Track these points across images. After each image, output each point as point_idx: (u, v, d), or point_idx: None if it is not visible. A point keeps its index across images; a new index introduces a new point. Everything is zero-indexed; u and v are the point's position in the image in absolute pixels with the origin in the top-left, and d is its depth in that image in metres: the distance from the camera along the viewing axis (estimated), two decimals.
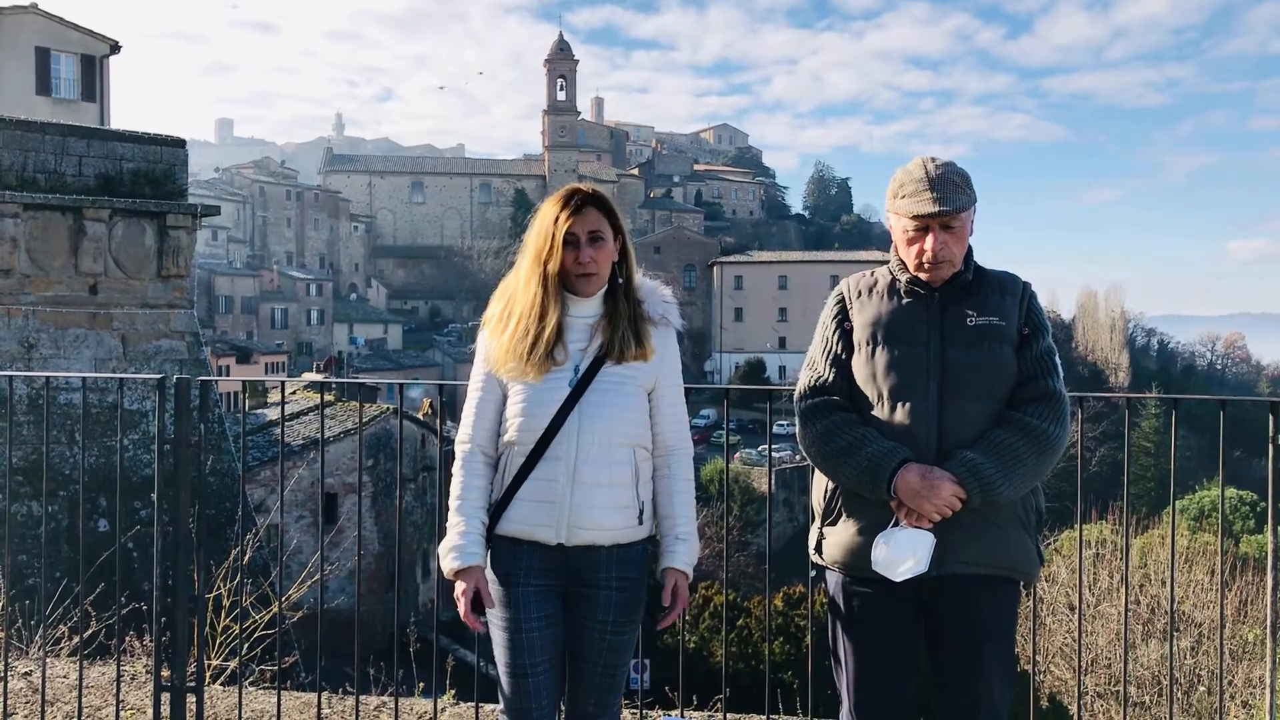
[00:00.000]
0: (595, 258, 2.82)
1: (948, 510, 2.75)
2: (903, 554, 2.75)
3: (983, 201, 2.92)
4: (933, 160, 2.90)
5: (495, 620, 2.83)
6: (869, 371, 2.90)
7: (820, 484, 3.04)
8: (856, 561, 2.89)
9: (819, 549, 3.04)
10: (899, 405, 2.84)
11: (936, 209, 2.80)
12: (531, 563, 2.80)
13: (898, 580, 2.78)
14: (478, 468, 2.87)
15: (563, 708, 2.95)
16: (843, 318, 3.01)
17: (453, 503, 2.85)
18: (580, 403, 2.78)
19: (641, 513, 2.83)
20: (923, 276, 2.89)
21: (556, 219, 2.81)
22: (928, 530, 2.77)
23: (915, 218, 2.84)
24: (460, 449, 2.89)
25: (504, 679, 2.81)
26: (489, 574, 2.85)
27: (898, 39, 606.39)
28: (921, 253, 2.85)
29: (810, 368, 3.04)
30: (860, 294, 3.01)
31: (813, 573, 3.18)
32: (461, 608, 2.77)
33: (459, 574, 2.78)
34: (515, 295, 2.88)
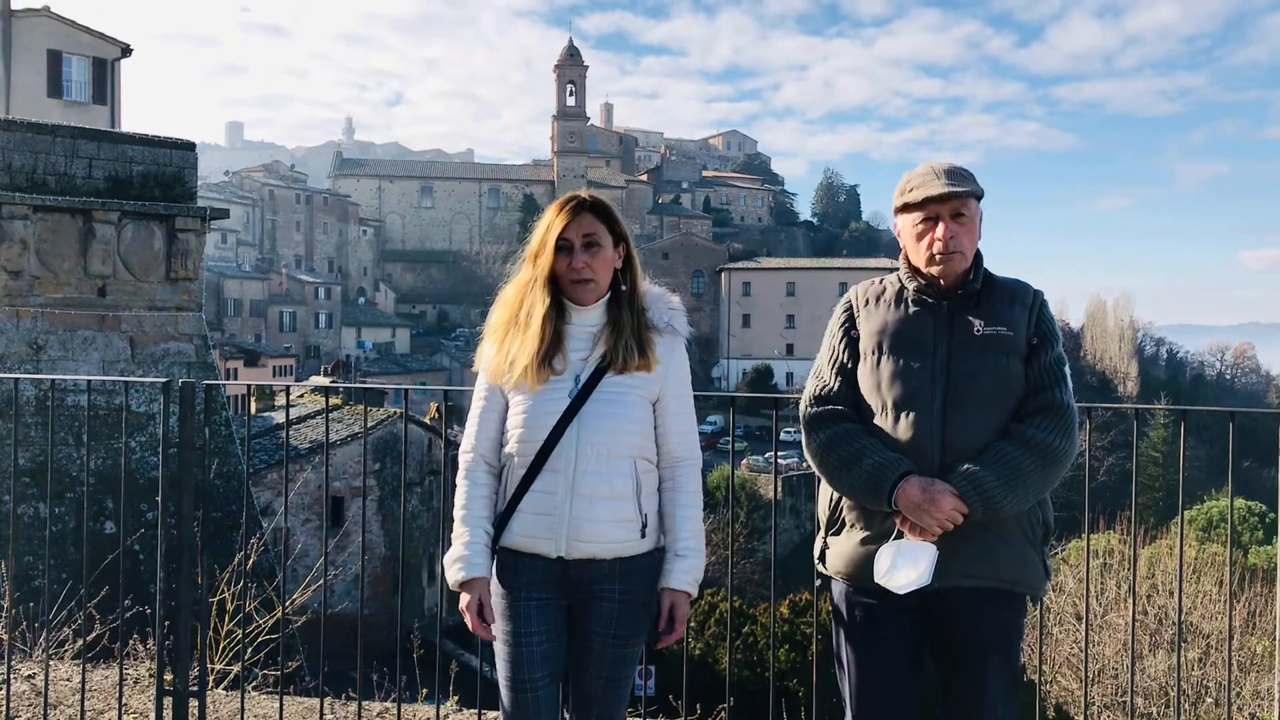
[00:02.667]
0: (590, 264, 2.77)
1: (949, 524, 2.71)
2: (905, 566, 2.72)
3: (992, 209, 2.91)
4: (938, 162, 2.91)
5: (497, 632, 2.80)
6: (874, 381, 2.87)
7: (825, 494, 3.02)
8: (860, 572, 2.87)
9: (823, 559, 3.02)
10: (903, 415, 2.81)
11: (947, 189, 2.79)
12: (533, 576, 2.76)
13: (900, 593, 2.75)
14: (481, 477, 2.84)
15: (568, 715, 2.93)
16: (849, 326, 2.98)
17: (457, 513, 2.81)
18: (580, 414, 2.73)
19: (645, 525, 2.77)
20: (934, 271, 2.86)
21: (550, 225, 2.79)
22: (931, 543, 2.74)
23: (927, 201, 2.82)
24: (463, 459, 2.85)
25: (504, 692, 2.79)
26: (493, 585, 2.83)
27: (908, 46, 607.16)
28: (933, 243, 2.83)
29: (816, 376, 3.01)
30: (868, 302, 2.98)
31: (818, 582, 3.15)
32: (469, 620, 2.73)
33: (463, 585, 2.74)
34: (511, 303, 2.85)
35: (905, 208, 2.90)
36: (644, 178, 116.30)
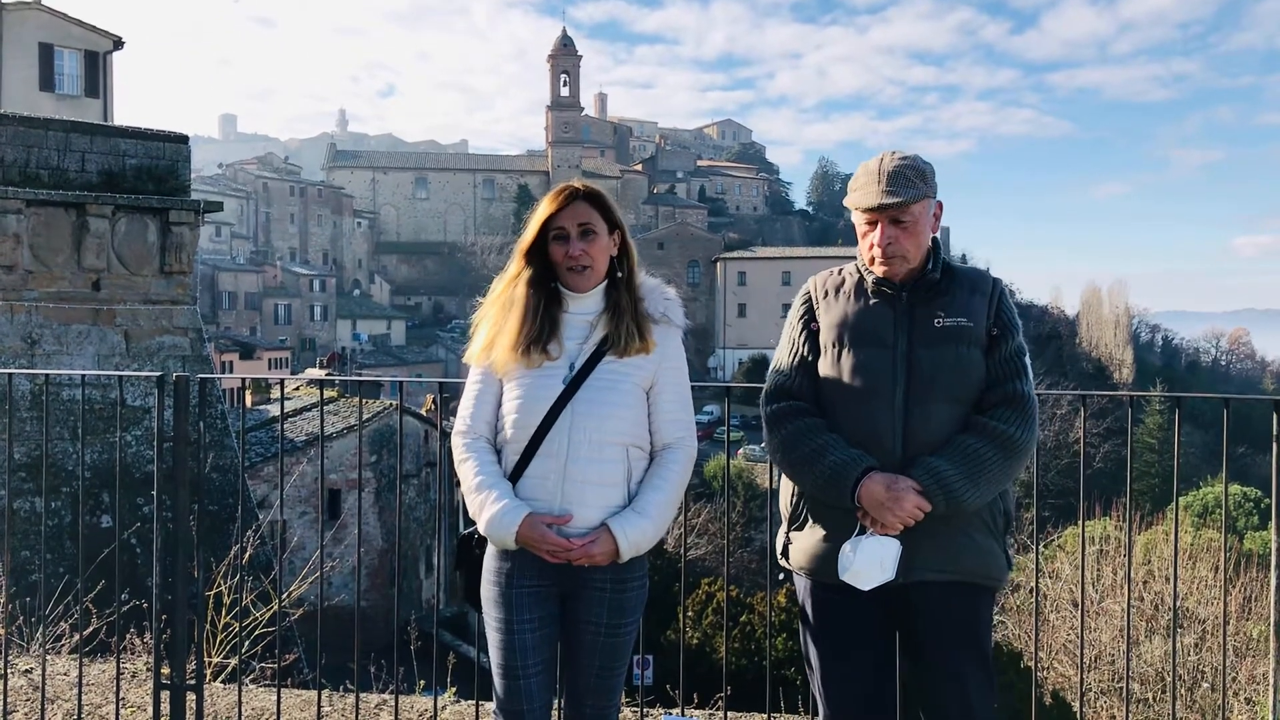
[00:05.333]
0: (587, 250, 2.79)
1: (911, 520, 2.70)
2: (869, 563, 2.71)
3: (988, 197, 2.90)
4: (893, 154, 2.86)
5: (490, 620, 2.82)
6: (835, 374, 2.86)
7: (786, 488, 3.00)
8: (823, 567, 2.86)
9: (785, 554, 3.00)
10: (864, 408, 2.80)
11: (878, 202, 2.77)
12: (526, 563, 2.76)
13: (865, 590, 2.74)
14: (485, 452, 2.82)
15: (562, 706, 2.94)
16: (809, 318, 2.96)
17: (473, 481, 2.76)
18: (573, 400, 2.74)
19: None
20: (877, 271, 2.85)
21: (544, 214, 2.81)
22: (894, 538, 2.73)
23: (862, 211, 2.82)
24: (461, 440, 2.83)
25: (497, 679, 2.80)
26: (486, 572, 2.83)
27: (902, 33, 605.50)
28: (872, 246, 2.82)
29: (776, 370, 3.00)
30: (827, 294, 2.96)
31: (780, 576, 3.14)
32: (559, 548, 2.66)
33: (522, 529, 2.67)
34: (503, 291, 2.88)
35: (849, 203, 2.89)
36: (639, 168, 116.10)
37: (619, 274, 2.88)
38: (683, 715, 4.53)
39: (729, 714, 4.56)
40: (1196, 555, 16.26)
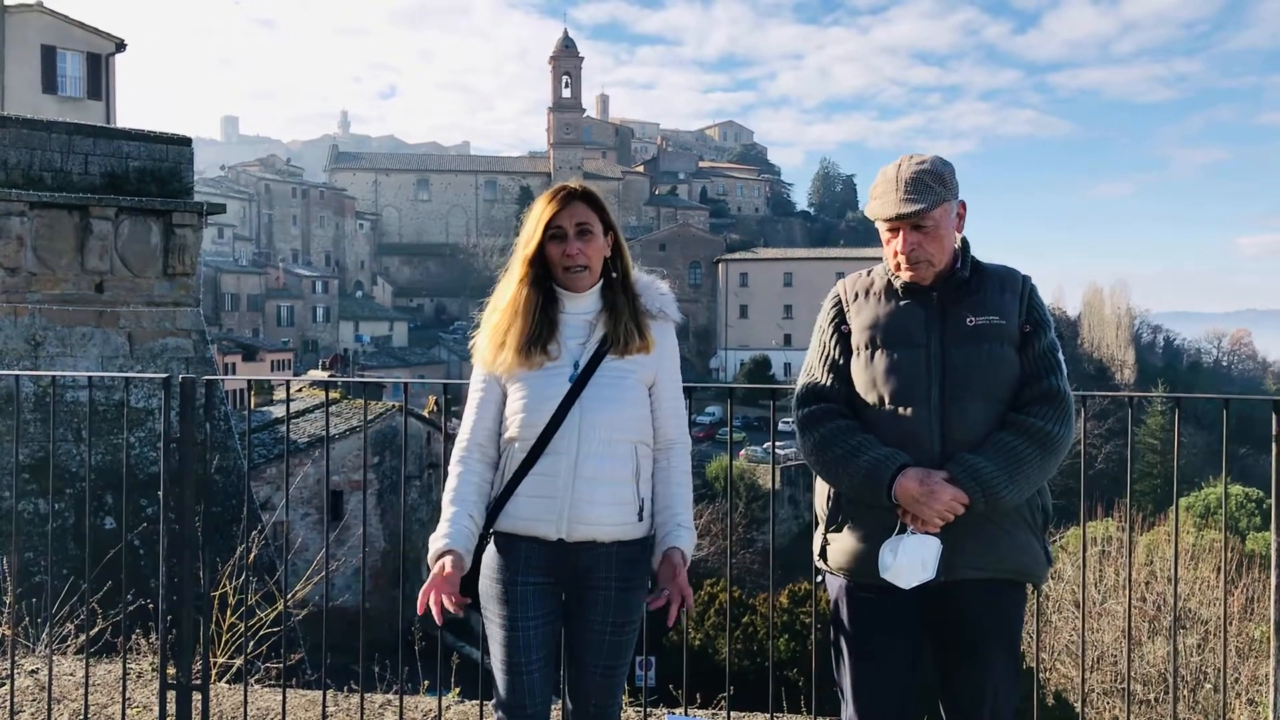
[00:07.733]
0: (584, 250, 2.81)
1: (950, 515, 2.70)
2: (910, 561, 2.71)
3: (989, 197, 2.89)
4: (911, 159, 2.85)
5: (492, 617, 2.82)
6: (869, 376, 2.86)
7: (822, 490, 3.00)
8: (862, 568, 2.85)
9: (823, 555, 3.00)
10: (900, 409, 2.80)
11: (896, 212, 2.78)
12: (530, 560, 2.78)
13: (907, 589, 2.73)
14: (474, 464, 2.86)
15: (565, 705, 2.95)
16: (840, 321, 2.97)
17: (446, 496, 2.84)
18: (581, 398, 2.77)
19: (641, 509, 2.80)
20: (904, 277, 2.86)
21: (542, 214, 2.84)
22: (934, 536, 2.72)
23: (882, 220, 2.83)
24: (458, 447, 2.88)
25: (499, 676, 2.81)
26: (487, 569, 2.85)
27: (904, 34, 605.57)
28: (896, 254, 2.83)
29: (807, 373, 3.00)
30: (857, 296, 2.97)
31: (818, 579, 3.14)
32: (426, 584, 2.71)
33: (441, 554, 2.74)
34: (503, 292, 2.90)
35: (869, 212, 2.92)
36: (640, 169, 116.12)
37: (614, 274, 2.91)
38: (686, 715, 4.55)
39: (731, 714, 4.58)
40: (1199, 556, 16.25)
